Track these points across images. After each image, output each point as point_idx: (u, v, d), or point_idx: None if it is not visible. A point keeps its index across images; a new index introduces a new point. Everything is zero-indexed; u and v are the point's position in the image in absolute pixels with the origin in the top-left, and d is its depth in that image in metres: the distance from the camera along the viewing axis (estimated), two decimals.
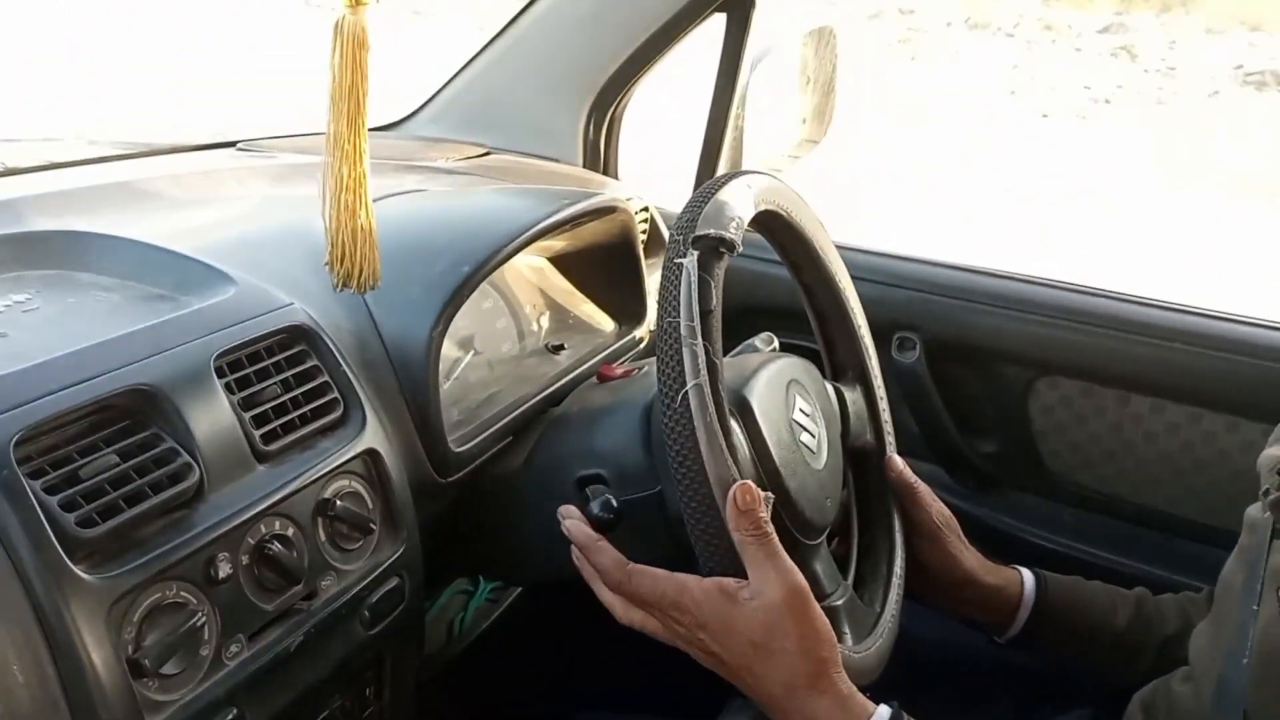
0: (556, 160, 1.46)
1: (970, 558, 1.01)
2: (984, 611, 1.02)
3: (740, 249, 0.82)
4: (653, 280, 1.28)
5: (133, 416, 0.69)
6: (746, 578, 0.75)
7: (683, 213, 0.82)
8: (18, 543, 0.59)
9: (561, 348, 1.17)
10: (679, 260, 0.78)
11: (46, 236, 0.85)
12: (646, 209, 1.38)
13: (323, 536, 0.77)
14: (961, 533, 1.02)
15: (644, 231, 1.33)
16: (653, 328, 1.26)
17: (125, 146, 1.26)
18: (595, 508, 0.85)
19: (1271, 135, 6.06)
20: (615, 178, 1.50)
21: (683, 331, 0.76)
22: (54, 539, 0.60)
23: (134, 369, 0.69)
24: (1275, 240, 4.75)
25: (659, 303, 0.78)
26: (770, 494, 0.79)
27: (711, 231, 0.80)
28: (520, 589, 1.32)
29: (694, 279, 0.77)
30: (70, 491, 0.62)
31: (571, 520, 0.84)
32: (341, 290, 0.75)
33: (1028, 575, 1.02)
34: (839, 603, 0.87)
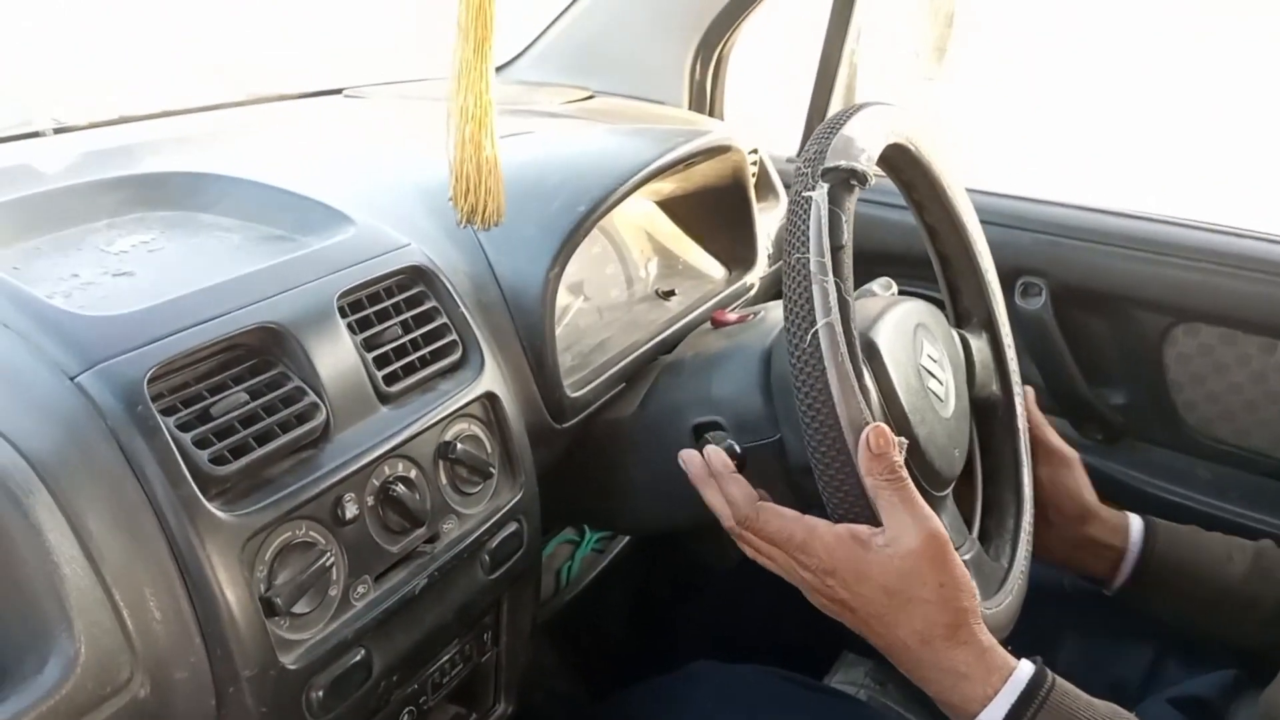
0: (662, 103, 1.42)
1: (1091, 494, 0.97)
2: (1095, 558, 0.98)
3: (872, 182, 0.78)
4: (763, 225, 1.24)
5: (260, 355, 0.68)
6: (879, 525, 0.72)
7: (810, 144, 0.78)
8: (153, 478, 0.58)
9: (671, 294, 1.15)
10: (808, 193, 0.75)
11: (167, 178, 0.85)
12: (755, 151, 1.33)
13: (444, 479, 0.77)
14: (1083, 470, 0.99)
15: (753, 175, 1.28)
16: (763, 274, 1.23)
17: (236, 94, 1.26)
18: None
19: None
20: (721, 120, 1.46)
21: (812, 268, 0.72)
22: (188, 475, 0.59)
23: (261, 307, 0.68)
24: None
25: (786, 238, 0.74)
26: (904, 439, 0.75)
27: (842, 163, 0.76)
28: (626, 540, 1.31)
29: (824, 212, 0.74)
30: (203, 429, 0.62)
31: (711, 447, 0.82)
32: (465, 225, 0.73)
33: (1135, 519, 0.98)
34: (967, 557, 0.83)
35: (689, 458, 0.84)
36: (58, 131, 1.02)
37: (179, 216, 0.83)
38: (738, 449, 0.84)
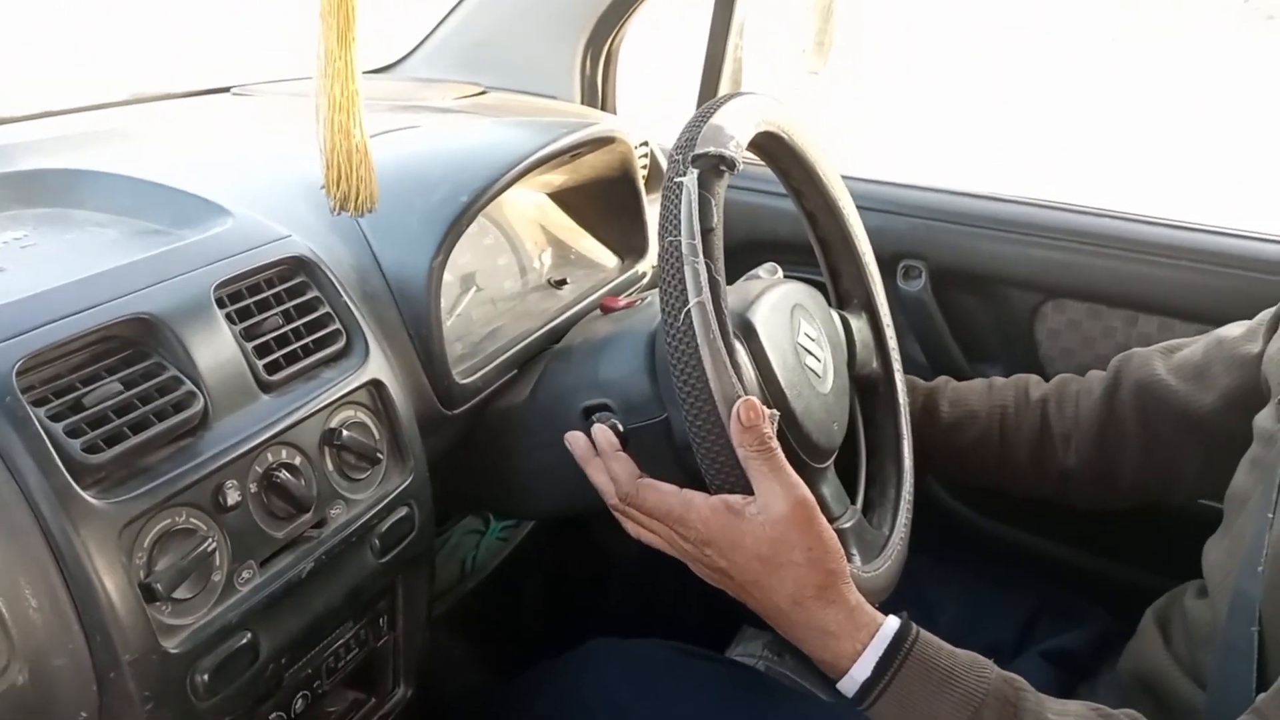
0: (553, 98, 1.45)
1: None
2: None
3: (740, 168, 0.81)
4: (653, 214, 1.27)
5: (134, 346, 0.69)
6: (752, 494, 0.75)
7: (682, 133, 0.81)
8: (24, 468, 0.59)
9: (564, 283, 1.17)
10: (679, 179, 0.78)
11: (41, 175, 0.85)
12: (646, 144, 1.36)
13: (330, 466, 0.78)
14: None
15: (644, 166, 1.31)
16: (655, 263, 1.26)
17: (120, 93, 1.25)
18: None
19: None
20: (613, 114, 1.48)
21: (684, 250, 0.75)
22: (60, 464, 0.60)
23: (134, 298, 0.69)
24: None
25: (660, 222, 0.77)
26: (775, 411, 0.78)
27: (711, 150, 0.79)
28: (530, 528, 1.33)
29: (694, 197, 0.77)
30: (74, 419, 0.62)
31: (599, 426, 0.84)
32: (339, 213, 0.74)
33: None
34: (847, 525, 0.87)
35: (574, 439, 0.86)
36: None
37: (53, 213, 0.83)
38: (621, 427, 0.86)
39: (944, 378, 1.11)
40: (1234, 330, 0.95)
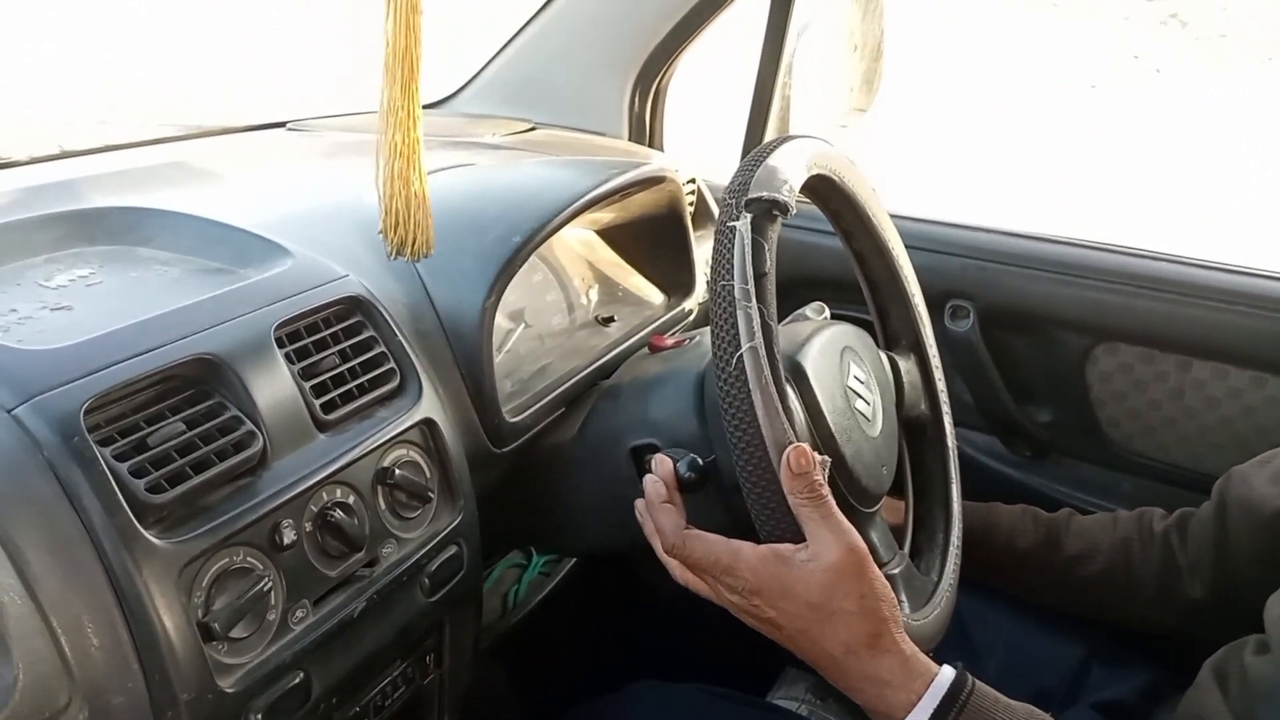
0: (602, 134, 1.46)
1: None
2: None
3: (794, 211, 0.81)
4: (701, 252, 1.27)
5: (197, 386, 0.70)
6: (803, 541, 0.75)
7: (735, 176, 0.81)
8: (90, 508, 0.60)
9: (611, 320, 1.17)
10: (732, 223, 0.78)
11: (106, 213, 0.87)
12: (693, 180, 1.37)
13: (382, 505, 0.78)
14: None
15: (691, 204, 1.32)
16: (702, 300, 1.26)
17: (177, 128, 1.27)
18: (682, 467, 0.83)
19: None
20: (661, 150, 1.49)
21: (737, 294, 0.75)
22: (124, 504, 0.61)
23: (197, 339, 0.70)
24: None
25: (712, 266, 0.77)
26: (826, 458, 0.78)
27: (764, 194, 0.79)
28: (573, 563, 1.33)
29: (748, 242, 0.77)
30: (139, 458, 0.63)
31: (649, 476, 0.83)
32: (395, 258, 0.75)
33: None
34: (896, 571, 0.86)
35: (654, 473, 0.84)
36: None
37: (117, 251, 0.84)
38: (700, 462, 0.84)
39: (1067, 510, 1.08)
40: None
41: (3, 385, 0.62)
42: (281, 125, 1.34)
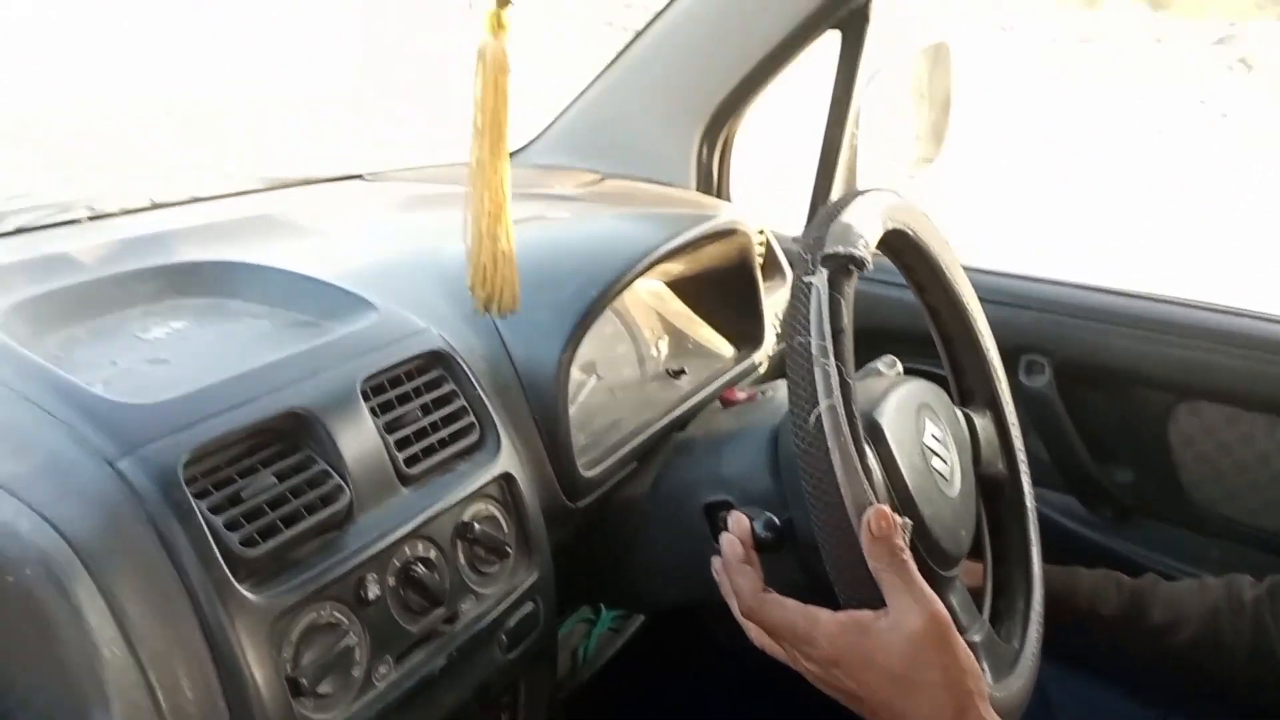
0: (670, 184, 1.47)
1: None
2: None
3: (870, 267, 0.80)
4: (770, 303, 1.27)
5: (287, 439, 0.71)
6: (884, 606, 0.73)
7: (809, 230, 0.81)
8: (187, 561, 0.61)
9: (682, 372, 1.17)
10: (808, 279, 0.77)
11: (199, 267, 0.89)
12: (762, 231, 1.37)
13: (462, 559, 0.78)
14: None
15: (760, 254, 1.32)
16: (770, 352, 1.25)
17: (260, 180, 1.31)
18: (758, 526, 0.82)
19: None
20: (728, 200, 1.50)
21: (814, 351, 0.74)
22: (220, 557, 0.62)
23: (288, 393, 0.71)
24: None
25: (788, 322, 0.77)
26: (907, 520, 0.77)
27: (840, 249, 0.79)
28: (642, 619, 1.32)
29: (825, 298, 0.76)
30: (233, 511, 0.64)
31: (726, 536, 0.82)
32: (483, 314, 0.76)
33: None
34: (977, 639, 0.84)
35: (731, 529, 0.83)
36: (93, 219, 1.06)
37: (210, 304, 0.87)
38: (777, 522, 0.82)
39: (1151, 576, 1.06)
40: None
41: (106, 438, 0.63)
42: (359, 177, 1.37)
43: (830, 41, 1.37)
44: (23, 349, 0.71)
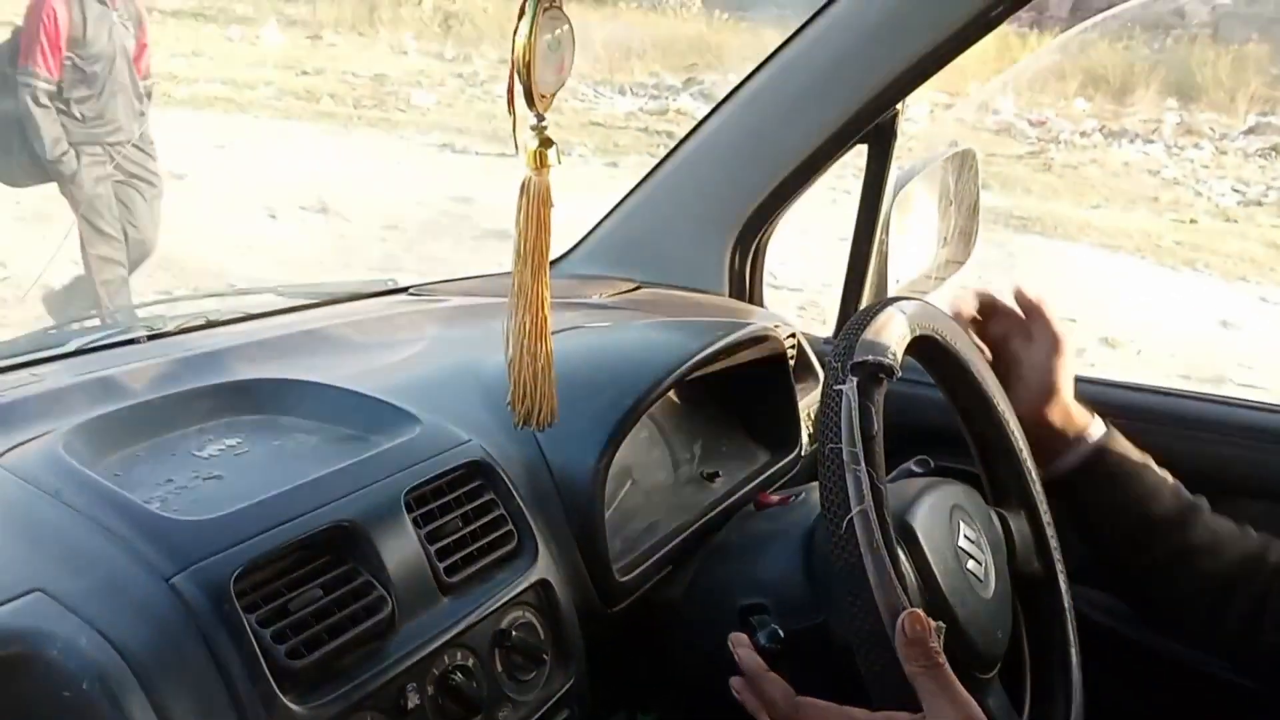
0: (704, 291, 1.51)
1: (1065, 383, 1.06)
2: (1048, 440, 1.06)
3: (899, 374, 0.83)
4: (802, 405, 1.29)
5: (333, 551, 0.74)
6: (920, 710, 0.74)
7: (840, 339, 0.84)
8: (236, 675, 0.63)
9: (716, 475, 1.19)
10: (839, 386, 0.80)
11: (252, 385, 0.93)
12: (794, 335, 1.40)
13: (499, 667, 0.80)
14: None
15: (791, 357, 1.35)
16: (804, 454, 1.27)
17: (309, 295, 1.37)
18: (761, 638, 0.85)
19: None
20: (761, 305, 1.54)
21: (845, 457, 0.77)
22: (267, 671, 0.64)
23: (335, 506, 0.74)
24: None
25: (819, 428, 0.79)
26: (941, 624, 0.77)
27: (870, 358, 0.81)
28: None
29: (855, 404, 0.79)
30: (281, 624, 0.67)
31: (743, 649, 0.83)
32: (522, 428, 0.79)
33: (1098, 424, 1.07)
34: None
35: (737, 642, 0.85)
36: (151, 338, 1.11)
37: (262, 421, 0.91)
38: (780, 633, 0.85)
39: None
40: None
41: (162, 554, 0.66)
42: (404, 290, 1.43)
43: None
44: (84, 468, 0.75)
